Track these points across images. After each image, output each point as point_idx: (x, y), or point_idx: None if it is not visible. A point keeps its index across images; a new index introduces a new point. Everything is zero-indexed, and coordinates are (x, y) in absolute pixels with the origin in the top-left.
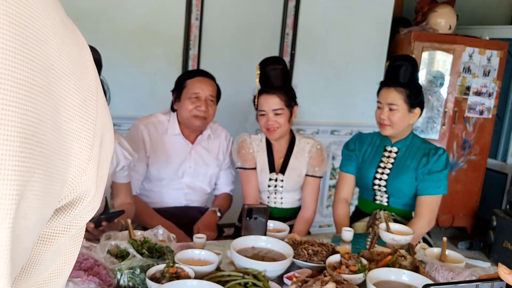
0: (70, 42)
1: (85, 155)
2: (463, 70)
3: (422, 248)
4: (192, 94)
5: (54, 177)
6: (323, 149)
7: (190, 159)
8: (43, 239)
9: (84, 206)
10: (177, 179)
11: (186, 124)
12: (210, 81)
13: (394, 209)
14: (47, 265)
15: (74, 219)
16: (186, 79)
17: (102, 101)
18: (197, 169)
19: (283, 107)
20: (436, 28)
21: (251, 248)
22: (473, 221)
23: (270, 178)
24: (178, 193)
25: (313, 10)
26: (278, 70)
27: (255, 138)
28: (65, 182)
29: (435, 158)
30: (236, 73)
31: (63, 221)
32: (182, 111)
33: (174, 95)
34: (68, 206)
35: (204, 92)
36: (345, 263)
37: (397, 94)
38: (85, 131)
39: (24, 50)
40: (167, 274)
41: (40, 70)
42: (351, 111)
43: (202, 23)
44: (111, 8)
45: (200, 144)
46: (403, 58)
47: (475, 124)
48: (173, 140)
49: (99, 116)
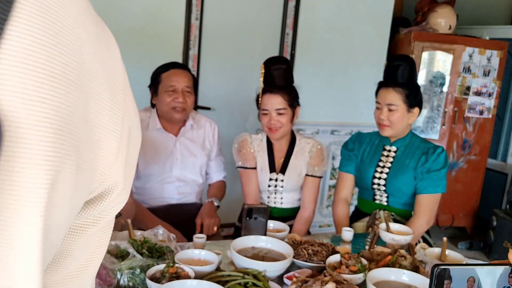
0: (100, 39)
1: (114, 148)
2: (463, 70)
3: (422, 248)
4: (169, 87)
5: (84, 168)
6: (323, 149)
7: (176, 152)
8: (73, 231)
9: (113, 199)
10: (166, 173)
11: (166, 117)
12: (184, 72)
13: (394, 209)
14: (77, 256)
15: (103, 211)
16: (161, 73)
17: (129, 95)
18: (184, 161)
19: (286, 107)
20: (436, 28)
21: (251, 248)
22: (473, 221)
23: (270, 178)
24: (170, 187)
25: (313, 10)
26: (282, 70)
27: (255, 138)
28: (94, 174)
29: (434, 156)
30: (236, 73)
31: (93, 213)
32: (160, 105)
33: (152, 90)
34: (98, 198)
35: (180, 84)
36: (345, 263)
37: (396, 94)
38: (114, 124)
39: (57, 45)
40: (167, 274)
41: (72, 65)
42: (351, 111)
43: (202, 23)
44: (111, 8)
45: (183, 136)
46: (401, 58)
47: (475, 124)
48: (155, 135)
49: (127, 110)
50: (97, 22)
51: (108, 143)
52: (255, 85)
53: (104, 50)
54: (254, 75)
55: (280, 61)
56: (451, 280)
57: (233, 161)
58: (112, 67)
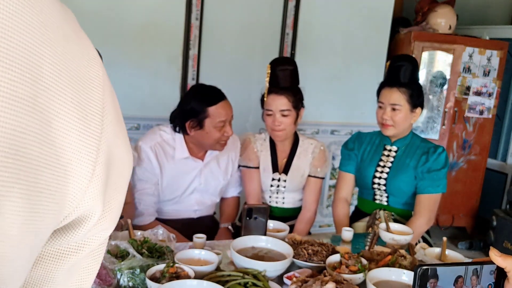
0: (73, 56)
1: (87, 172)
2: (463, 70)
3: (422, 248)
4: (219, 122)
5: (45, 193)
6: (326, 150)
7: (201, 177)
8: (55, 257)
9: (91, 226)
10: (186, 196)
11: (205, 148)
12: (229, 102)
13: (394, 209)
14: (61, 282)
15: (85, 238)
16: (207, 106)
17: (110, 117)
18: (207, 185)
19: (291, 108)
20: (436, 28)
21: (251, 248)
22: (473, 221)
23: (273, 178)
24: (188, 210)
25: (313, 10)
26: (288, 71)
27: (259, 138)
28: (64, 199)
29: (435, 156)
30: (236, 73)
31: (73, 239)
32: (205, 138)
33: (191, 122)
34: (74, 225)
35: (229, 116)
36: (345, 263)
37: (400, 95)
38: (86, 147)
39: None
40: (167, 274)
41: (23, 81)
42: (351, 111)
43: (202, 23)
44: (111, 8)
45: (211, 161)
46: (404, 58)
47: (475, 124)
48: (182, 163)
49: (105, 132)
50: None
51: (79, 166)
52: (255, 85)
53: (77, 68)
54: (254, 75)
55: (287, 62)
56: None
57: None
58: (86, 86)
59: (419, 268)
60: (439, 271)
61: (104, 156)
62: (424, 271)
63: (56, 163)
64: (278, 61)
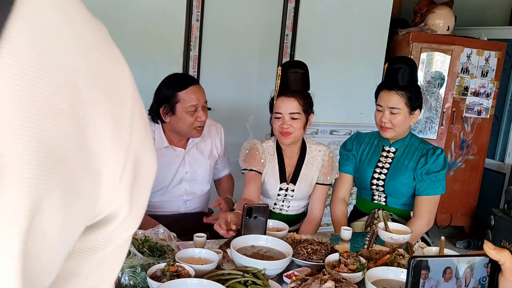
0: (105, 69)
1: (116, 176)
2: (461, 71)
3: (420, 247)
4: (190, 107)
5: (81, 194)
6: (334, 156)
7: (185, 165)
8: (85, 252)
9: (118, 225)
10: (175, 186)
11: (183, 135)
12: (201, 87)
13: (392, 209)
14: (89, 276)
15: (112, 234)
16: (177, 91)
17: (137, 126)
18: (193, 173)
19: (300, 112)
20: (434, 29)
21: (250, 246)
22: (471, 220)
23: (280, 188)
24: (178, 201)
25: (312, 12)
26: (300, 74)
27: (266, 146)
28: (96, 200)
29: (434, 158)
30: (236, 74)
31: (101, 236)
32: (179, 124)
33: (164, 108)
34: (103, 223)
35: (200, 101)
36: (344, 261)
37: (399, 98)
38: (116, 154)
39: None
40: (167, 273)
41: (63, 95)
42: (350, 112)
43: (202, 24)
44: (112, 9)
45: (193, 147)
46: (402, 60)
47: (473, 124)
48: (163, 152)
49: (133, 140)
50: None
51: (110, 171)
52: (255, 85)
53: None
54: (254, 75)
55: (299, 65)
56: (428, 271)
57: (235, 162)
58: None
59: (412, 259)
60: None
61: (131, 162)
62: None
63: (90, 168)
64: (289, 64)
